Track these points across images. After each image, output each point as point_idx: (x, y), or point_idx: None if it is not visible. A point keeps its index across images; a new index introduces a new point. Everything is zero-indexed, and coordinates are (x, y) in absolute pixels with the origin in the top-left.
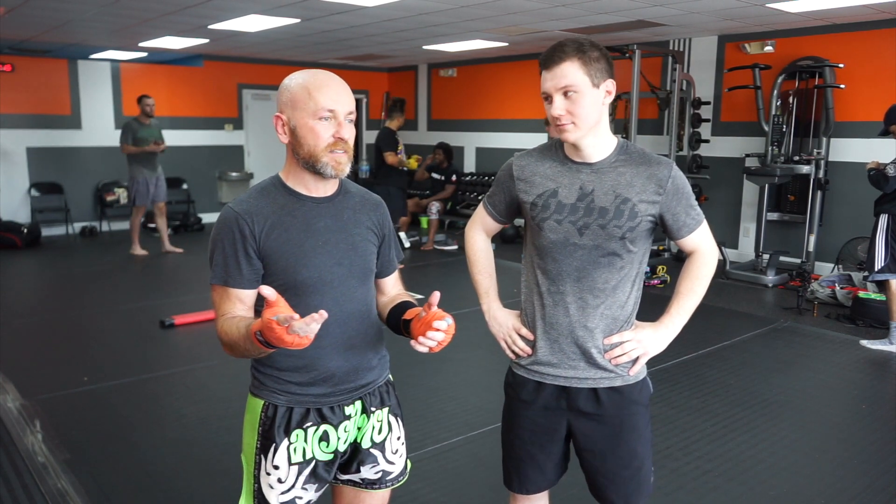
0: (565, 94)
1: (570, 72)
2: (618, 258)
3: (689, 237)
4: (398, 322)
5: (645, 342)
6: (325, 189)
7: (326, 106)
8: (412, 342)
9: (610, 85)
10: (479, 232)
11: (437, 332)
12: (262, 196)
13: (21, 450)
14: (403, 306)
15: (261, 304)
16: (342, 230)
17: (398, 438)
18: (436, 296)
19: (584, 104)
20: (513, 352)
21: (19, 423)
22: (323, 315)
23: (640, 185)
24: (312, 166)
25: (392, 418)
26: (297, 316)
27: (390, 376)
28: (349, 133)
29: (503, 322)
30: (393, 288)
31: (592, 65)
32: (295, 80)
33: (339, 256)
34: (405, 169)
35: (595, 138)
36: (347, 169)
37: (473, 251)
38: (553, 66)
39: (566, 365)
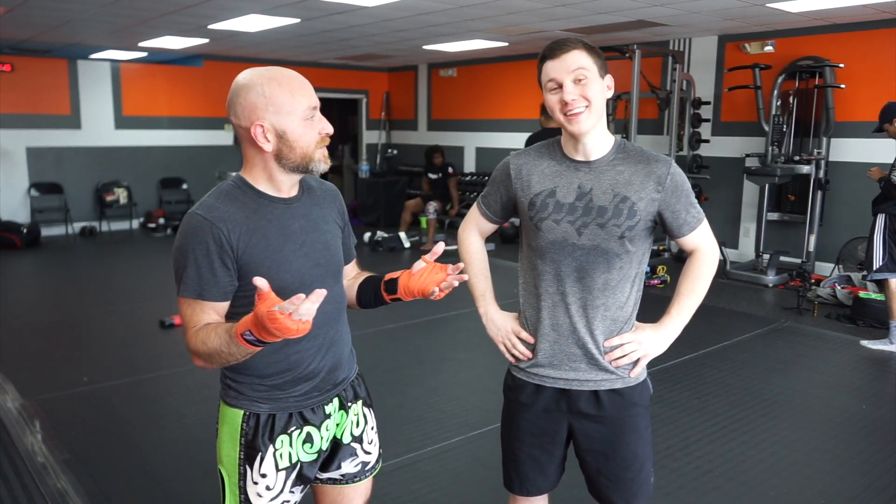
0: (576, 79)
1: (581, 57)
2: (617, 258)
3: (690, 236)
4: (376, 290)
5: (645, 344)
6: (293, 189)
7: (310, 104)
8: (433, 290)
9: (609, 81)
10: (474, 233)
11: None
12: (229, 200)
13: (21, 450)
14: (374, 278)
15: (235, 312)
16: (315, 230)
17: (372, 428)
18: (441, 246)
19: (596, 91)
20: (512, 355)
21: (19, 423)
22: (323, 292)
23: (638, 183)
24: (305, 167)
25: (365, 409)
26: (301, 296)
27: (357, 367)
28: (330, 126)
29: (501, 325)
30: (352, 270)
31: (597, 57)
32: (263, 84)
33: (316, 257)
34: None
35: (595, 136)
36: (329, 160)
37: (468, 253)
38: (561, 55)
39: (567, 366)
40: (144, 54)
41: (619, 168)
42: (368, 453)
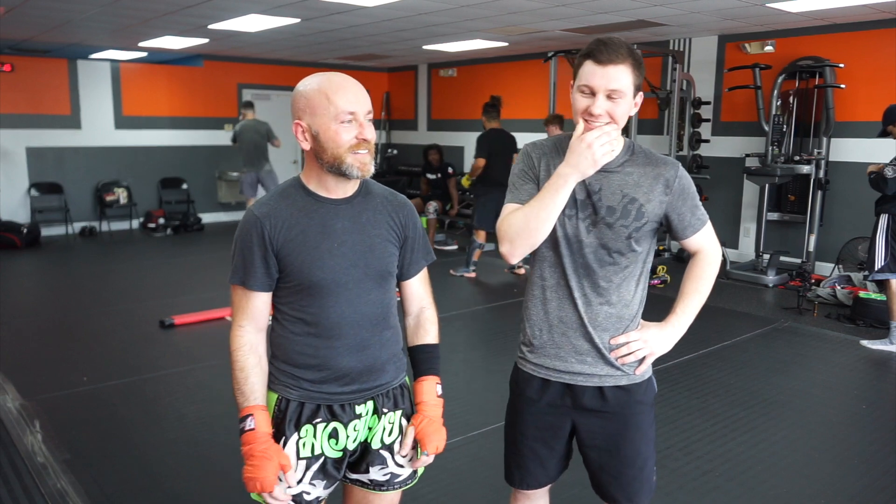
0: (610, 95)
1: (623, 76)
2: (622, 257)
3: (694, 237)
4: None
5: (651, 342)
6: (345, 190)
7: (347, 109)
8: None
9: (639, 98)
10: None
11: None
12: (282, 198)
13: (21, 450)
14: (417, 364)
15: (279, 302)
16: (359, 231)
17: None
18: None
19: (623, 110)
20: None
21: (19, 423)
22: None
23: (647, 185)
24: (338, 168)
25: (405, 421)
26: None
27: (407, 379)
28: (371, 133)
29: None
30: (416, 297)
31: (639, 76)
32: (310, 86)
33: (354, 258)
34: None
35: None
36: (372, 169)
37: (511, 220)
38: (608, 64)
39: (574, 359)
40: (144, 54)
41: (629, 170)
42: (400, 466)
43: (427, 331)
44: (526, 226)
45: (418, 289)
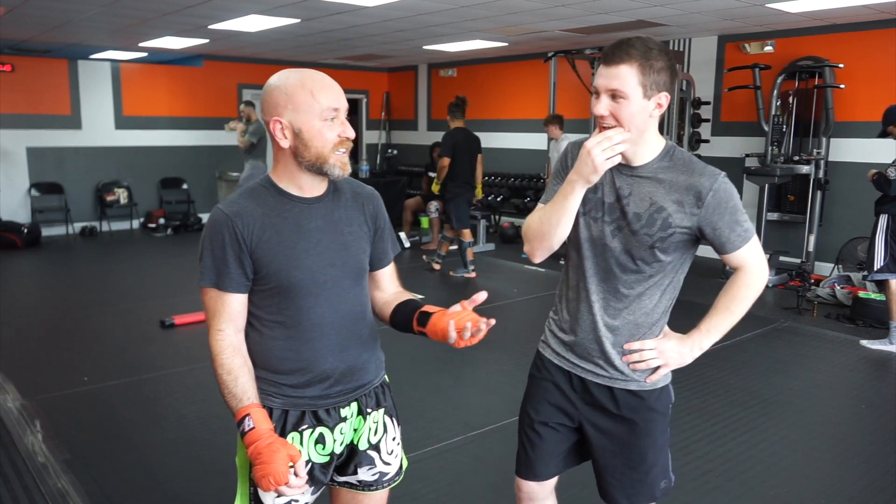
0: (613, 96)
1: (626, 76)
2: (646, 265)
3: (734, 254)
4: (409, 318)
5: (667, 353)
6: (318, 189)
7: (331, 105)
8: (452, 333)
9: (663, 98)
10: None
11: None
12: (251, 198)
13: (21, 450)
14: (412, 304)
15: (253, 306)
16: (334, 230)
17: (393, 439)
18: (482, 295)
19: (630, 112)
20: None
21: (19, 423)
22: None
23: (677, 194)
24: (319, 168)
25: (387, 419)
26: (302, 486)
27: (386, 377)
28: (352, 132)
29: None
30: (390, 283)
31: (651, 75)
32: (290, 82)
33: (331, 257)
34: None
35: (636, 146)
36: (350, 168)
37: (530, 222)
38: (611, 65)
39: (586, 358)
40: (144, 54)
41: (661, 176)
42: (387, 464)
43: (410, 296)
44: (539, 229)
45: (392, 277)
